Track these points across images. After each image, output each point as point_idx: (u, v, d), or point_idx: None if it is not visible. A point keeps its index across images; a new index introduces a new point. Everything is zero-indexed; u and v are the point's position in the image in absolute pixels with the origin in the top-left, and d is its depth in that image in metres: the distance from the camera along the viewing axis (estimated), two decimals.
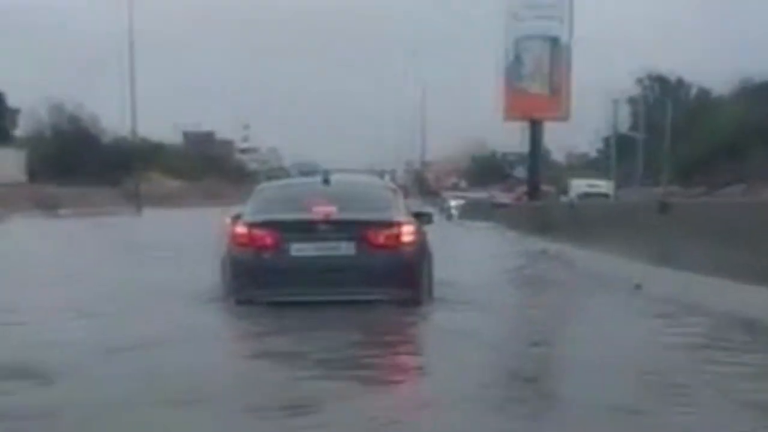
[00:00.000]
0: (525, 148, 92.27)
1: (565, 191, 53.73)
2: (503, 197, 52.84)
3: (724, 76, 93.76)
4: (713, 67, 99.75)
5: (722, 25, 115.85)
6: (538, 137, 39.51)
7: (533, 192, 38.79)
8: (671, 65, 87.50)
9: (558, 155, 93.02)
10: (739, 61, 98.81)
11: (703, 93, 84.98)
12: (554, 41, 38.44)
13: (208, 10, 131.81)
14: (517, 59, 38.70)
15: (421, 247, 10.28)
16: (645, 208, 14.38)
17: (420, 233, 10.39)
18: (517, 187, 56.35)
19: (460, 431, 5.30)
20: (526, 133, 39.74)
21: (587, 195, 43.79)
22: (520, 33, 39.04)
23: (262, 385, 6.45)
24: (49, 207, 46.11)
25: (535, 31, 38.85)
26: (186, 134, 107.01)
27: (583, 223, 17.93)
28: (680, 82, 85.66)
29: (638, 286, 11.83)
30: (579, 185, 50.29)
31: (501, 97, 39.29)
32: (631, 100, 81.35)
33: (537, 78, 38.33)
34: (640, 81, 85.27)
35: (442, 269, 11.23)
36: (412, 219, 10.52)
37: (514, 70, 38.89)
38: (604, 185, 51.64)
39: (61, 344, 7.85)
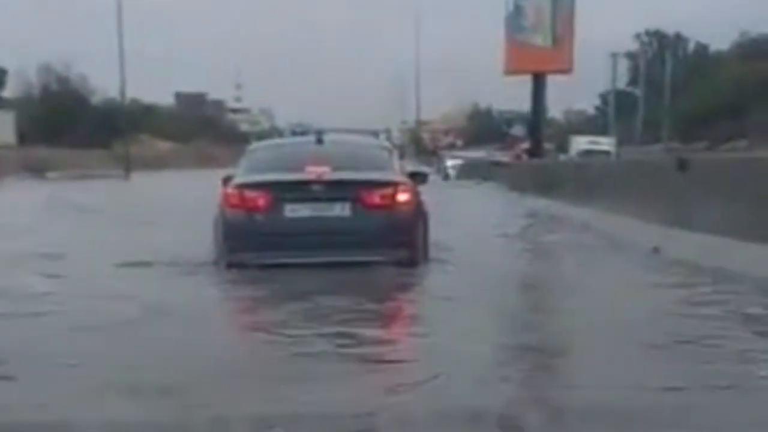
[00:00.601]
0: (523, 105, 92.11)
1: (564, 149, 52.74)
2: (501, 156, 52.02)
3: (721, 31, 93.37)
4: (710, 22, 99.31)
5: None
6: (541, 92, 37.62)
7: (535, 150, 37.40)
8: (668, 20, 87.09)
9: (555, 112, 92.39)
10: (735, 16, 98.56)
11: (701, 48, 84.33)
12: None
13: None
14: (517, 9, 37.06)
15: (416, 207, 10.07)
16: (660, 166, 13.42)
17: (415, 193, 10.17)
18: (516, 145, 55.41)
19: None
20: (525, 90, 38.44)
21: (588, 152, 42.81)
22: None
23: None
24: (36, 170, 45.19)
25: None
26: (178, 95, 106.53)
27: (590, 183, 16.92)
28: (678, 37, 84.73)
29: (656, 250, 10.97)
30: (579, 142, 49.09)
31: (501, 51, 37.77)
32: (629, 56, 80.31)
33: (539, 29, 36.54)
34: (637, 36, 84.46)
35: (440, 231, 10.96)
36: (407, 179, 10.32)
37: (514, 22, 37.10)
38: (605, 142, 50.51)
39: None
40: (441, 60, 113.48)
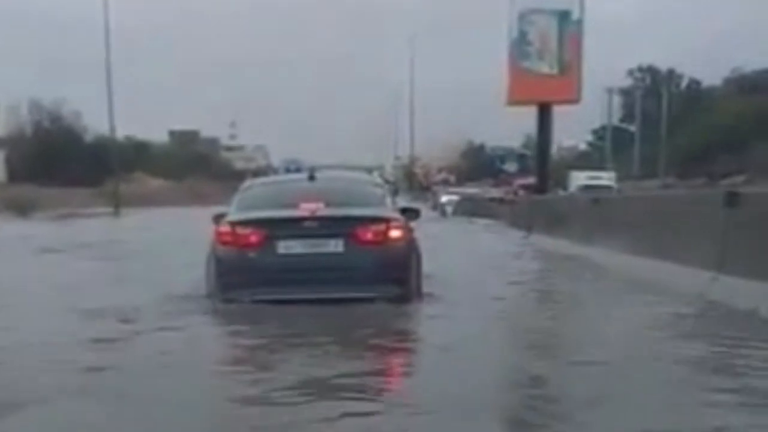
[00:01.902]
0: (515, 141, 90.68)
1: (561, 184, 50.89)
2: (495, 192, 50.84)
3: (713, 66, 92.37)
4: (702, 58, 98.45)
5: (709, 17, 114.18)
6: (547, 123, 35.01)
7: (541, 185, 35.19)
8: (660, 56, 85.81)
9: None
10: (726, 52, 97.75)
11: (694, 83, 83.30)
12: (564, 15, 34.38)
13: (195, 9, 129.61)
14: (522, 36, 34.55)
15: (409, 243, 9.95)
16: (701, 201, 11.50)
17: (408, 229, 10.03)
18: (512, 181, 53.98)
19: None
20: (520, 124, 36.54)
21: (588, 188, 40.88)
22: (525, 6, 34.99)
23: None
24: (19, 209, 43.17)
25: (541, 3, 34.83)
26: (172, 132, 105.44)
27: (606, 220, 15.03)
28: (671, 73, 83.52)
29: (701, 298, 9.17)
30: (579, 178, 47.10)
31: (504, 80, 35.50)
32: (623, 92, 78.99)
33: (545, 56, 34.06)
34: (630, 72, 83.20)
35: (440, 272, 10.88)
36: (400, 215, 10.19)
37: (518, 48, 34.52)
38: (606, 177, 48.69)
39: None
40: (435, 96, 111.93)
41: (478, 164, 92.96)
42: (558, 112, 36.79)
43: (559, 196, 33.55)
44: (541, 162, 37.19)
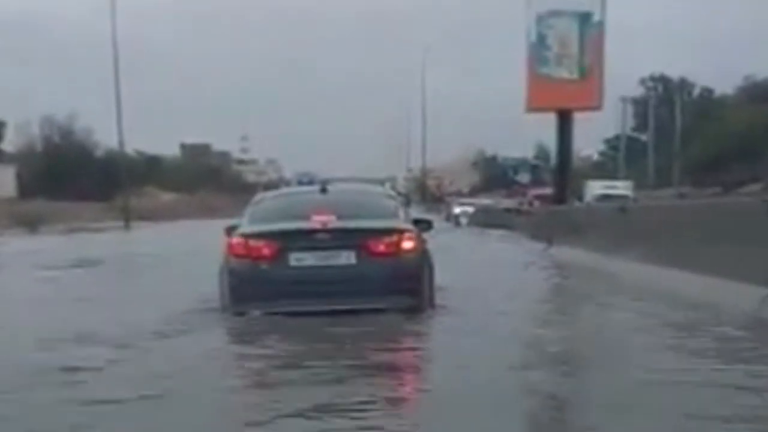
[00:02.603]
0: (528, 152, 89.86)
1: (576, 194, 49.85)
2: (508, 203, 50.00)
3: (725, 75, 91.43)
4: (713, 66, 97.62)
5: (720, 25, 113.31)
6: (567, 130, 33.60)
7: (560, 195, 33.87)
8: (671, 65, 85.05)
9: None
10: (738, 61, 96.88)
11: (707, 92, 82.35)
12: (585, 17, 32.80)
13: (206, 23, 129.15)
14: (541, 40, 33.06)
15: (421, 254, 9.86)
16: (746, 210, 10.56)
17: (420, 240, 9.96)
18: (526, 191, 53.07)
19: None
20: (532, 135, 35.37)
21: (604, 197, 39.89)
22: (544, 8, 33.34)
23: None
24: (28, 224, 42.39)
25: (561, 5, 33.23)
26: (183, 146, 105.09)
27: (639, 231, 14.07)
28: (683, 82, 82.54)
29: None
30: (595, 187, 45.99)
31: (521, 87, 33.74)
32: (635, 101, 78.04)
33: (564, 61, 32.65)
34: (642, 81, 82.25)
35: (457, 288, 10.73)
36: (412, 226, 10.10)
37: (536, 54, 33.15)
38: (622, 186, 47.55)
39: None
40: (447, 107, 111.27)
41: (491, 175, 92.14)
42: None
43: (581, 206, 32.46)
44: (561, 171, 35.56)
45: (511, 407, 5.56)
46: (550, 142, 39.97)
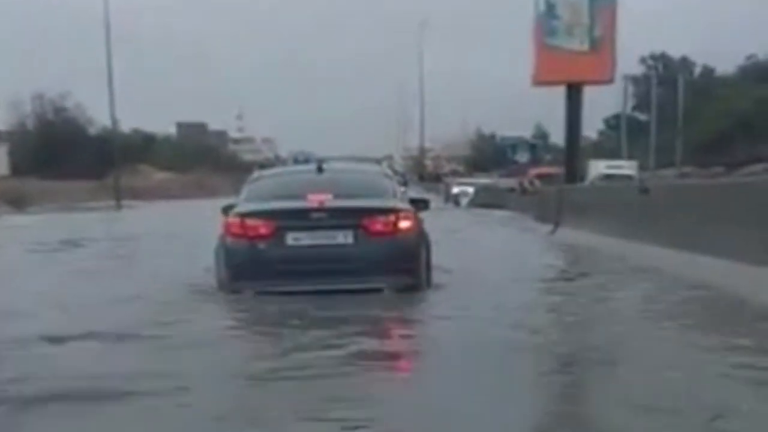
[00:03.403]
0: (526, 131, 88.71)
1: (580, 174, 48.30)
2: (504, 183, 48.90)
3: (726, 54, 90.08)
4: (714, 45, 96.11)
5: (722, 5, 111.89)
6: (576, 104, 31.79)
7: (570, 173, 32.23)
8: (672, 44, 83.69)
9: (557, 138, 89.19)
10: (739, 40, 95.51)
11: (708, 71, 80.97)
12: None
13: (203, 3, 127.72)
14: (550, 9, 31.21)
15: (418, 234, 9.83)
16: None
17: (417, 220, 9.91)
18: (527, 170, 51.75)
19: None
20: (532, 114, 33.68)
21: (608, 177, 38.49)
22: None
23: None
24: (17, 204, 41.02)
25: None
26: (179, 125, 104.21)
27: (665, 214, 12.61)
28: (684, 61, 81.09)
29: None
30: (599, 167, 44.42)
31: (525, 60, 31.98)
32: (635, 80, 76.53)
33: (574, 31, 30.80)
34: (643, 60, 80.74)
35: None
36: (409, 206, 10.05)
37: (545, 23, 31.36)
38: (627, 166, 45.97)
39: None
40: (445, 85, 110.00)
41: (489, 154, 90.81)
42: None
43: (592, 186, 30.97)
44: (570, 148, 33.78)
45: None
46: (549, 120, 38.44)
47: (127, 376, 5.73)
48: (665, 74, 76.65)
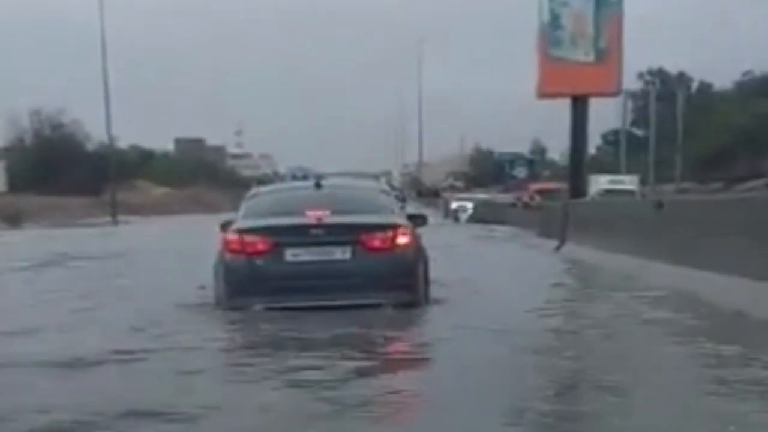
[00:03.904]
0: (523, 147, 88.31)
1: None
2: (503, 198, 48.58)
3: (721, 71, 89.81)
4: (711, 61, 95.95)
5: (718, 20, 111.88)
6: (582, 117, 30.75)
7: (576, 187, 31.30)
8: (668, 60, 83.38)
9: (554, 153, 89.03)
10: (735, 56, 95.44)
11: (705, 87, 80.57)
12: None
13: (201, 16, 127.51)
14: (554, 19, 30.25)
15: (417, 249, 9.85)
16: None
17: (415, 236, 9.94)
18: (526, 186, 51.20)
19: None
20: (530, 130, 32.89)
21: (609, 192, 37.92)
22: None
23: None
24: (12, 220, 40.33)
25: None
26: (177, 141, 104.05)
27: (686, 231, 11.78)
28: (681, 77, 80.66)
29: None
30: (599, 182, 43.73)
31: (534, 70, 30.91)
32: (632, 95, 76.06)
33: (579, 42, 29.81)
34: (641, 75, 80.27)
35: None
36: (407, 222, 10.10)
37: (550, 34, 30.34)
38: (628, 181, 45.27)
39: None
40: (443, 101, 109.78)
41: (487, 170, 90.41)
42: (563, 114, 32.46)
43: (599, 201, 30.16)
44: (574, 162, 32.71)
45: None
46: (548, 135, 37.82)
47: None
48: (663, 89, 76.21)
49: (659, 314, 9.08)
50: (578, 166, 32.75)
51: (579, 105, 30.66)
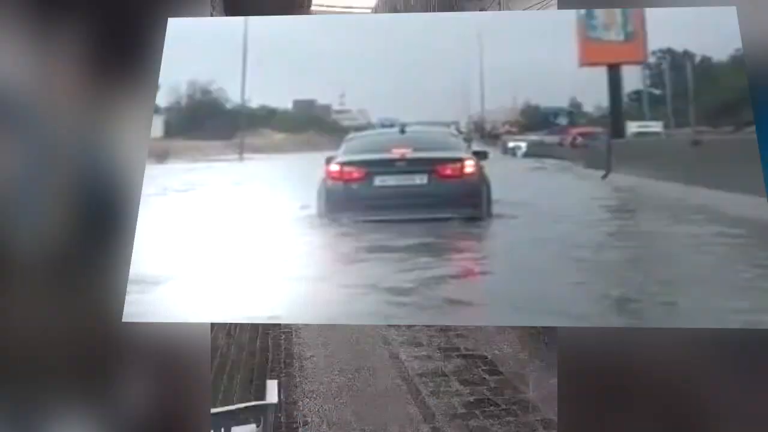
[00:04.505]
0: (564, 104, 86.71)
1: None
2: (549, 139, 46.59)
3: (719, 48, 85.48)
4: (708, 40, 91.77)
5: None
6: (617, 80, 29.91)
7: (618, 128, 29.80)
8: (676, 43, 79.97)
9: (587, 107, 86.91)
10: (733, 36, 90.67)
11: (706, 60, 77.08)
12: None
13: None
14: (589, 12, 28.96)
15: (479, 176, 8.82)
16: None
17: (479, 166, 8.87)
18: (569, 129, 49.16)
19: None
20: (568, 92, 30.88)
21: (640, 134, 35.56)
22: None
23: None
24: (160, 156, 40.00)
25: None
26: (295, 102, 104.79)
27: (712, 162, 9.65)
28: (686, 54, 77.30)
29: None
30: (631, 126, 41.54)
31: (573, 47, 29.84)
32: (649, 65, 73.13)
33: (611, 27, 28.70)
34: (653, 53, 77.31)
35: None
36: (472, 155, 9.35)
37: (586, 23, 29.32)
38: (654, 125, 43.06)
39: None
40: (501, 68, 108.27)
41: (535, 120, 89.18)
42: (598, 80, 30.91)
43: (637, 140, 27.90)
44: (615, 111, 31.41)
45: None
46: (583, 97, 35.73)
47: None
48: (672, 63, 73.35)
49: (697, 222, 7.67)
50: (617, 115, 30.85)
51: (613, 71, 28.78)
